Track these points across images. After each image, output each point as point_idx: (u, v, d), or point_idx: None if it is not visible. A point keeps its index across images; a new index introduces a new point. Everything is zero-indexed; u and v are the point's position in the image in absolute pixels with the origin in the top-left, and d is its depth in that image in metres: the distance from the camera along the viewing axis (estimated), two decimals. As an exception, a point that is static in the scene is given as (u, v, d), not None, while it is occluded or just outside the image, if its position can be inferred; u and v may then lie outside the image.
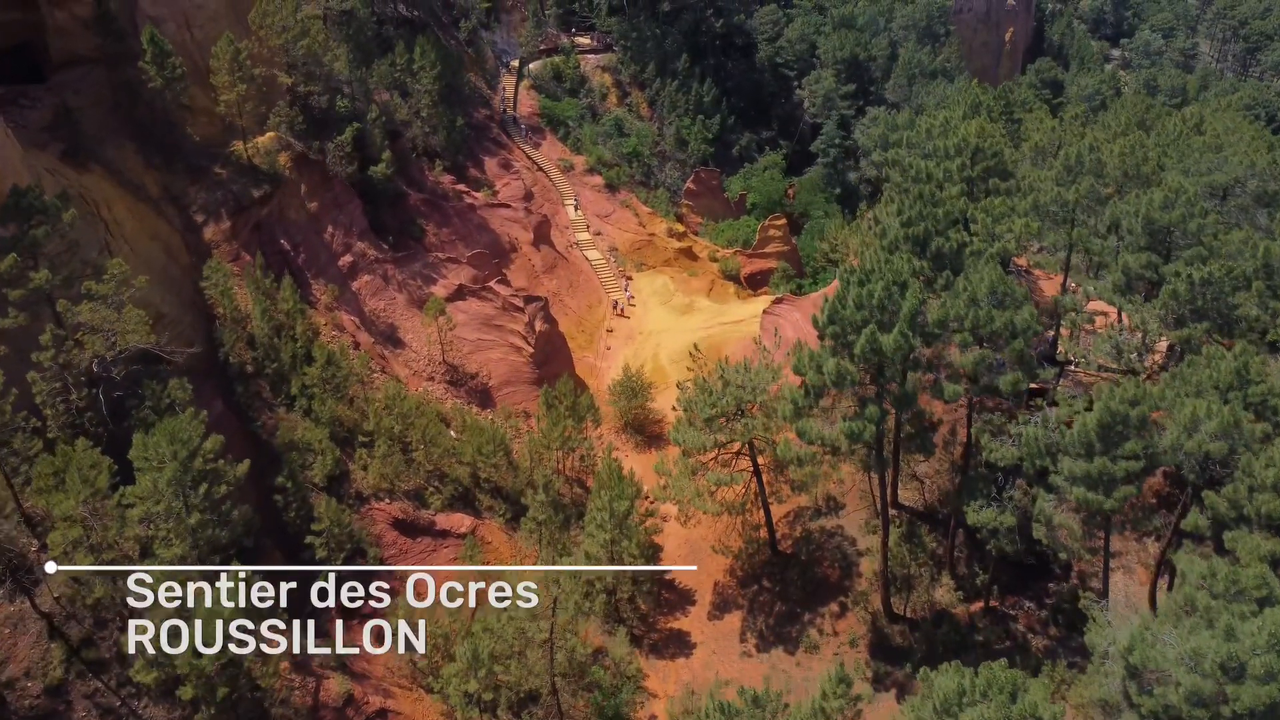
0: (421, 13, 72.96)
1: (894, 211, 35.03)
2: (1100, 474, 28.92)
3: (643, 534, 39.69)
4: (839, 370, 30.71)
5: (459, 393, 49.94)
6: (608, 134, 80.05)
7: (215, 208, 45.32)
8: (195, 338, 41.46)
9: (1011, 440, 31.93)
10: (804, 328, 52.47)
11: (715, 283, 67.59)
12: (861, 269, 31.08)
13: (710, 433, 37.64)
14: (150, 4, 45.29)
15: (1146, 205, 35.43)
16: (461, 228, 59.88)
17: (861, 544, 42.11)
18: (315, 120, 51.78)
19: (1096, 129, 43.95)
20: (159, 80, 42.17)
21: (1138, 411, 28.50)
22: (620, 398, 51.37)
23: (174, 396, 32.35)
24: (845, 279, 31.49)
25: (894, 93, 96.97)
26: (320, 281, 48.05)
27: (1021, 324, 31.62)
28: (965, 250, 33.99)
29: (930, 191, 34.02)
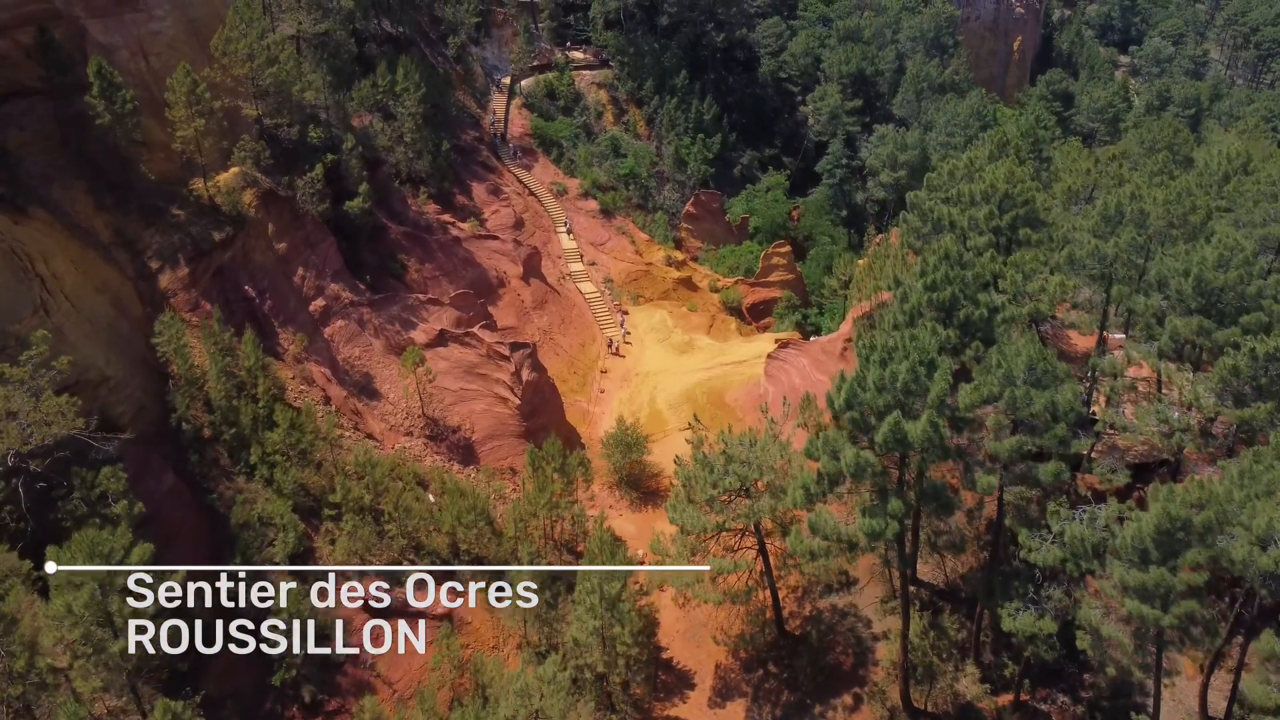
0: (407, 29, 69.28)
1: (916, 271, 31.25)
2: (1157, 586, 25.21)
3: (636, 620, 35.99)
4: (859, 462, 27.01)
5: (439, 448, 46.23)
6: (603, 154, 76.39)
7: (172, 252, 41.58)
8: (145, 400, 37.84)
9: (1054, 539, 28.19)
10: (811, 375, 48.88)
11: (716, 318, 63.91)
12: (883, 345, 27.35)
13: (711, 513, 33.92)
14: (101, 31, 41.56)
15: (1198, 264, 31.70)
16: (446, 262, 56.24)
17: (877, 626, 38.41)
18: (285, 152, 48.12)
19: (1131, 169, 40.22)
20: (106, 117, 38.47)
21: (1202, 518, 24.79)
22: (614, 452, 47.68)
23: (106, 487, 28.64)
24: (864, 355, 27.77)
25: (902, 108, 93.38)
26: (288, 330, 44.33)
27: (1064, 406, 27.93)
28: (997, 317, 30.26)
29: (957, 251, 30.27)
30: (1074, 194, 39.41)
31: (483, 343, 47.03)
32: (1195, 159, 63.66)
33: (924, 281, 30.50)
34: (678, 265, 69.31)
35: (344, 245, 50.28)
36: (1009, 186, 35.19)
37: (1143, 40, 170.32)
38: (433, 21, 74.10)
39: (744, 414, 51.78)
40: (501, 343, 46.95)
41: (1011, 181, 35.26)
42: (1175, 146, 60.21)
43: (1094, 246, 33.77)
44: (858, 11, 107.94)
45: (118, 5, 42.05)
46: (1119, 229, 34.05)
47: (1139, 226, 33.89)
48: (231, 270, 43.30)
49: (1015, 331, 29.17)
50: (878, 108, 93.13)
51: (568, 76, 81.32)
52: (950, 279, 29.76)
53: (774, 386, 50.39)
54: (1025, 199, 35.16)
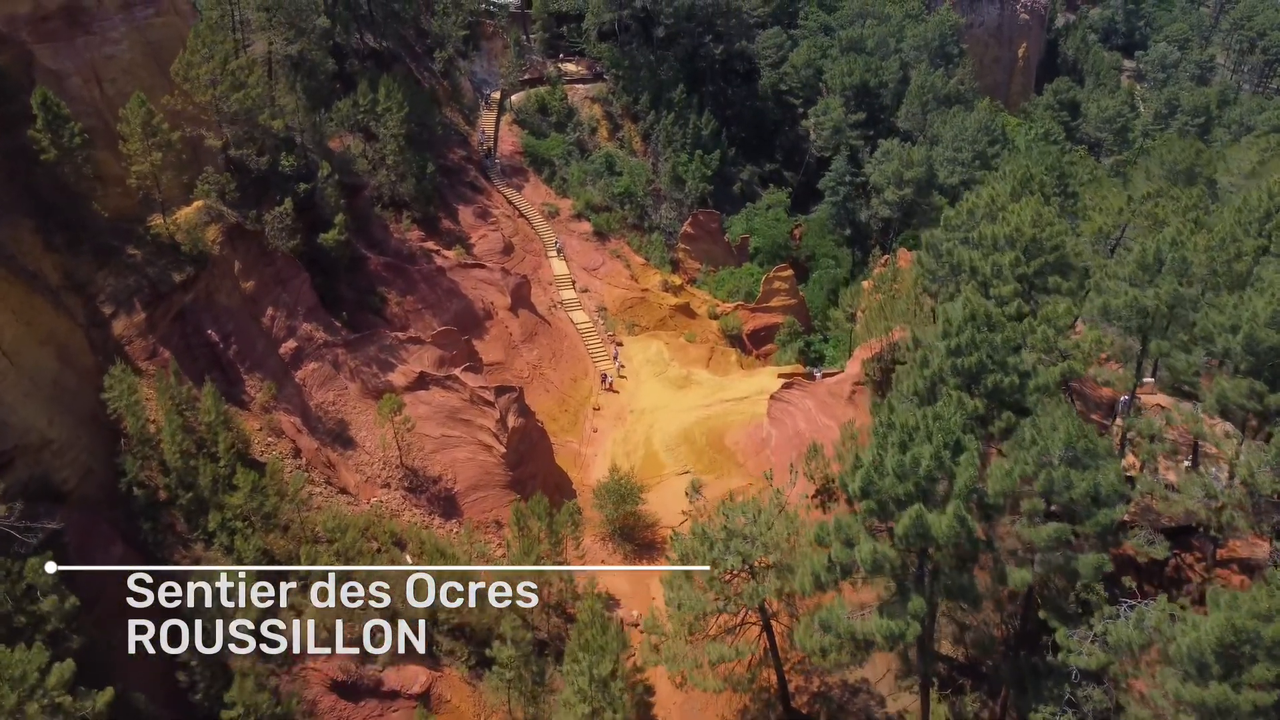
0: (391, 43, 66.13)
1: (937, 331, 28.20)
2: (1219, 704, 22.18)
3: (629, 707, 32.86)
4: (876, 557, 23.94)
5: (419, 501, 43.10)
6: (597, 173, 73.25)
7: (127, 296, 38.42)
8: (93, 462, 34.65)
9: (1095, 638, 25.14)
10: (818, 420, 45.84)
11: (715, 348, 60.81)
12: (902, 424, 24.27)
13: (711, 593, 30.83)
14: (49, 56, 38.40)
15: (1248, 321, 28.66)
16: (429, 294, 53.14)
17: (892, 705, 35.36)
18: (255, 182, 44.99)
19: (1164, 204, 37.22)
20: (51, 152, 35.33)
21: (1272, 631, 21.73)
22: (607, 502, 44.60)
23: (34, 580, 25.52)
24: (881, 434, 24.69)
25: (907, 120, 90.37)
26: (255, 376, 41.20)
27: (1107, 489, 24.90)
28: (1030, 383, 27.20)
29: (984, 311, 27.19)
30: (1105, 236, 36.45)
31: (466, 386, 43.92)
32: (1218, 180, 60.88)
33: (947, 344, 27.46)
34: (675, 290, 66.26)
35: (319, 280, 47.12)
36: (1036, 230, 32.11)
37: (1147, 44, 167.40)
38: (418, 35, 70.95)
39: (745, 458, 48.76)
40: (486, 387, 43.84)
41: (1039, 225, 32.19)
42: (1197, 169, 57.29)
43: (1132, 297, 30.73)
44: (860, 20, 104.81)
45: (68, 28, 38.91)
46: (1159, 278, 31.01)
47: (1180, 275, 30.84)
48: (193, 313, 40.15)
49: (1050, 403, 26.08)
50: (881, 120, 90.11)
51: (560, 91, 78.18)
52: (977, 343, 26.70)
53: (777, 430, 47.34)
54: (1054, 244, 32.09)
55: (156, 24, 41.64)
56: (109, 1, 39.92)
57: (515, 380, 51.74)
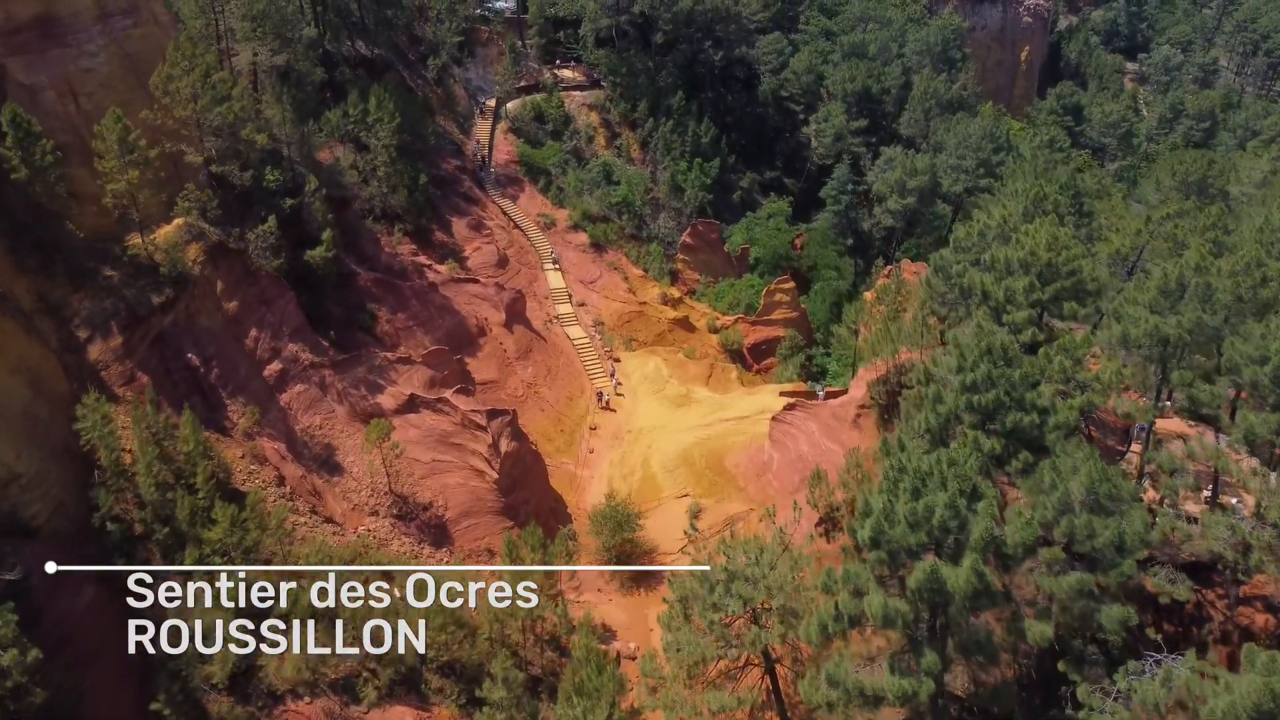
0: (383, 51, 64.67)
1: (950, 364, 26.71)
2: (1255, 773, 20.69)
3: (626, 754, 31.38)
4: (887, 611, 22.46)
5: (408, 529, 41.60)
6: (595, 182, 71.71)
7: (104, 319, 36.93)
8: (65, 495, 33.12)
9: (1119, 697, 23.65)
10: (821, 444, 44.34)
11: (715, 365, 59.27)
12: (915, 469, 22.78)
13: (711, 636, 29.33)
14: (22, 69, 36.94)
15: (1278, 354, 27.18)
16: (421, 311, 51.65)
17: (899, 749, 33.84)
18: (238, 199, 43.51)
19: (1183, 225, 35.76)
20: (22, 171, 33.86)
21: (1314, 697, 20.24)
22: (603, 529, 43.10)
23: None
24: (892, 479, 23.20)
25: (909, 127, 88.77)
26: (238, 400, 39.69)
27: (1132, 537, 23.43)
28: (1049, 421, 25.71)
29: (1000, 345, 25.70)
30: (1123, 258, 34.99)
31: (457, 410, 42.43)
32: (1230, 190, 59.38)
33: (961, 380, 25.96)
34: (673, 304, 64.77)
35: (306, 297, 45.63)
36: (1052, 254, 30.62)
37: (1150, 47, 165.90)
38: (412, 41, 69.50)
39: (746, 482, 47.27)
40: (478, 410, 42.35)
41: (1054, 248, 30.70)
42: (1210, 180, 55.81)
43: (1153, 325, 29.27)
44: (861, 25, 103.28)
45: (42, 40, 37.44)
46: (1180, 304, 29.55)
47: (1204, 302, 29.37)
48: (173, 336, 38.64)
49: (1071, 443, 24.60)
50: (884, 127, 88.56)
51: (557, 98, 76.64)
52: (994, 380, 25.21)
53: (779, 453, 45.85)
54: (1071, 269, 30.60)
55: (135, 35, 40.16)
56: (85, 12, 38.45)
57: (509, 399, 50.30)
